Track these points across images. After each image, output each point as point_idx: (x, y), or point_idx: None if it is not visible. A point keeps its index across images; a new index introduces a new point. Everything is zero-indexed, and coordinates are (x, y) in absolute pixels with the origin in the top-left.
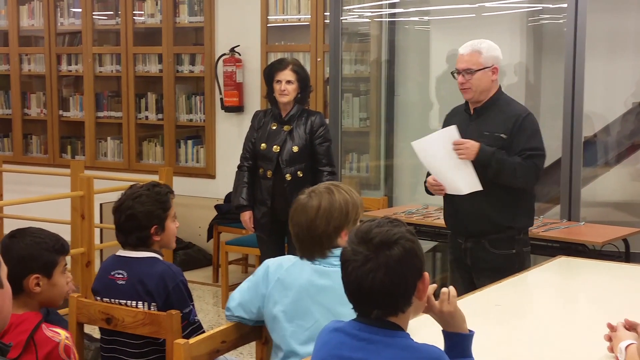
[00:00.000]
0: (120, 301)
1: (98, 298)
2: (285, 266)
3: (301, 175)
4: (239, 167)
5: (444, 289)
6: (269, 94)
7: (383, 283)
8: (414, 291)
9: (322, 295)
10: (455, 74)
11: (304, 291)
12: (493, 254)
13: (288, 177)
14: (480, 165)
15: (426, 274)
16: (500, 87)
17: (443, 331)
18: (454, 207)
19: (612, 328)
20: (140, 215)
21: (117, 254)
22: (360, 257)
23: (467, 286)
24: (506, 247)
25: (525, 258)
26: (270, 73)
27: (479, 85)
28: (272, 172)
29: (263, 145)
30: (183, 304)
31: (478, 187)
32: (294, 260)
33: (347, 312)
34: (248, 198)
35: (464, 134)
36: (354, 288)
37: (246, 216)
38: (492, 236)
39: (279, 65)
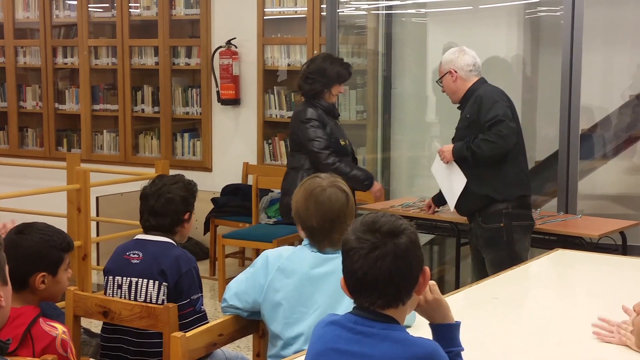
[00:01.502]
0: (132, 279)
1: (110, 277)
2: (285, 255)
3: None
4: (336, 160)
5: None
6: (321, 92)
7: (390, 271)
8: (416, 283)
9: (324, 281)
10: None
11: (306, 278)
12: (484, 228)
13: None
14: (459, 160)
15: (427, 267)
16: (479, 79)
17: (431, 324)
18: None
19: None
20: (178, 200)
21: (137, 237)
22: (367, 245)
23: (479, 267)
24: (494, 221)
25: (515, 231)
26: (340, 78)
27: (447, 89)
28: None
29: (342, 142)
30: (193, 290)
31: (463, 180)
32: (293, 249)
33: (348, 299)
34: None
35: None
36: (359, 276)
37: (377, 186)
38: (482, 212)
39: (349, 75)
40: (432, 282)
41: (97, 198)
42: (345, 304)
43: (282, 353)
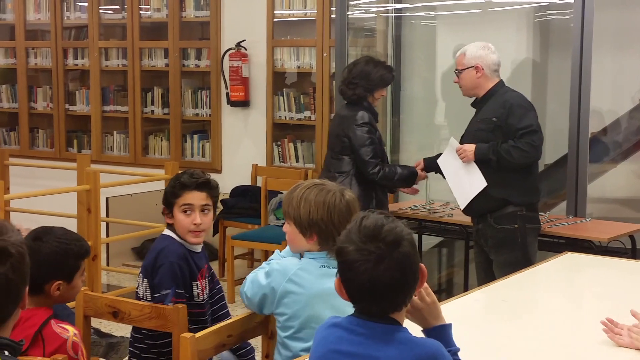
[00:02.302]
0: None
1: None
2: (291, 271)
3: None
4: (380, 169)
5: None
6: (365, 97)
7: (397, 280)
8: (417, 283)
9: (335, 297)
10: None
11: (315, 295)
12: (496, 229)
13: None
14: (481, 161)
15: (422, 265)
16: (500, 81)
17: (425, 330)
18: None
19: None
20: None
21: None
22: (373, 257)
23: (485, 269)
24: (508, 223)
25: (529, 234)
26: (385, 82)
27: (465, 82)
28: None
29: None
30: (163, 285)
31: (483, 183)
32: (299, 264)
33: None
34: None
35: (469, 125)
36: (367, 288)
37: (422, 175)
38: (495, 213)
39: (392, 79)
40: (426, 285)
41: (107, 199)
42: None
43: None
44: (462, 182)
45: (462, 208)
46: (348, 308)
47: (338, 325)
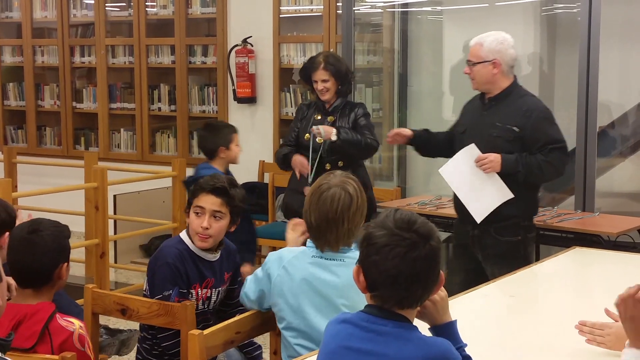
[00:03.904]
0: None
1: None
2: (286, 258)
3: (342, 165)
4: (280, 147)
5: None
6: (308, 85)
7: (423, 272)
8: (436, 285)
9: (323, 287)
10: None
11: (305, 283)
12: (499, 241)
13: (328, 166)
14: (507, 174)
15: (442, 271)
16: (515, 79)
17: (433, 328)
18: None
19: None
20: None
21: None
22: (405, 244)
23: (468, 273)
24: (511, 235)
25: (529, 244)
26: (306, 75)
27: (480, 77)
28: (330, 165)
29: (307, 135)
30: (160, 288)
31: (509, 195)
32: (296, 252)
33: (346, 304)
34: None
35: (475, 123)
36: (392, 274)
37: (297, 159)
38: (498, 224)
39: (311, 66)
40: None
41: (114, 196)
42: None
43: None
44: (478, 193)
45: (478, 221)
46: (338, 299)
47: (349, 321)
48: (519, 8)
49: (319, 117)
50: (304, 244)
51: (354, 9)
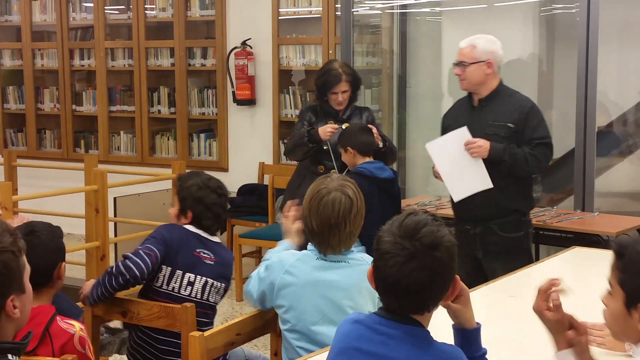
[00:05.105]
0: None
1: (180, 272)
2: (289, 262)
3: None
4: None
5: None
6: (320, 97)
7: (424, 284)
8: (446, 293)
9: (329, 289)
10: (453, 65)
11: (309, 284)
12: (503, 237)
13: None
14: (493, 161)
15: (457, 277)
16: (501, 80)
17: (457, 328)
18: None
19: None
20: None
21: (198, 233)
22: (405, 253)
23: (470, 272)
24: (514, 230)
25: (530, 238)
26: (325, 86)
27: (473, 77)
28: (324, 168)
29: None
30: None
31: (489, 184)
32: (298, 255)
33: (352, 305)
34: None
35: (468, 123)
36: (390, 282)
37: (323, 127)
38: (500, 220)
39: (333, 79)
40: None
41: (114, 199)
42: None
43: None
44: (460, 174)
45: (456, 200)
46: (344, 301)
47: (361, 322)
48: (518, 9)
49: (333, 124)
50: (305, 244)
51: (352, 10)
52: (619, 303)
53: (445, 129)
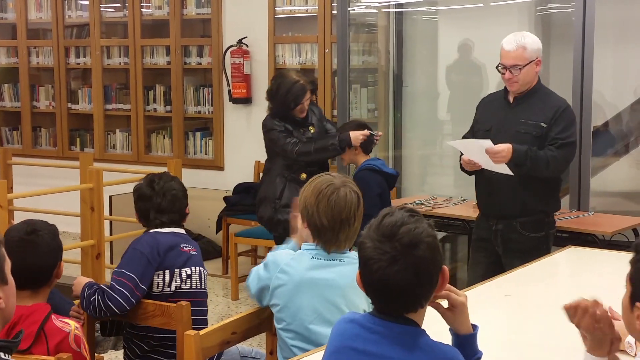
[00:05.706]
0: (202, 269)
1: (177, 270)
2: (283, 262)
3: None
4: (297, 144)
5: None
6: (287, 111)
7: (411, 282)
8: (436, 286)
9: (324, 288)
10: (500, 69)
11: (303, 283)
12: (524, 236)
13: (304, 176)
14: (515, 165)
15: (445, 267)
16: (539, 77)
17: (454, 333)
18: (489, 189)
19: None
20: (181, 195)
21: (173, 231)
22: (386, 257)
23: (488, 266)
24: (537, 230)
25: (551, 240)
26: (296, 101)
27: (526, 78)
28: (307, 175)
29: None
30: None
31: (510, 173)
32: (293, 255)
33: (347, 303)
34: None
35: (502, 120)
36: (379, 287)
37: (358, 134)
38: (523, 218)
39: (302, 92)
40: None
41: (110, 197)
42: (342, 310)
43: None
44: (488, 165)
45: (514, 174)
46: (339, 299)
47: (356, 322)
48: (514, 8)
49: (313, 131)
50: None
51: (348, 9)
52: (627, 296)
53: (477, 121)
